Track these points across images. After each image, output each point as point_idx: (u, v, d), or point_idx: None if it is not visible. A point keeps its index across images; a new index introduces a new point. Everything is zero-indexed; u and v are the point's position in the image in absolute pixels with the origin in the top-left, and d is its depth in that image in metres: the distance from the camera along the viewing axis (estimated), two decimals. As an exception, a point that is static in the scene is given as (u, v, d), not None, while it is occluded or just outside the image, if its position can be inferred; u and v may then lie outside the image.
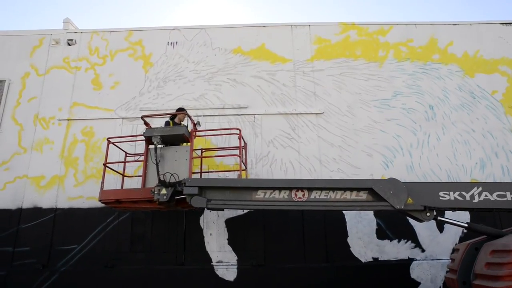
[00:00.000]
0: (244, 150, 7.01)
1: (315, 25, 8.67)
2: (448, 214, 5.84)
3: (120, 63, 8.44)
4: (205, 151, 7.25)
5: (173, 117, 6.82)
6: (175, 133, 5.96)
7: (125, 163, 6.78)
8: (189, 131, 6.17)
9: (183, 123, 6.95)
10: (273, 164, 7.57)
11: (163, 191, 5.41)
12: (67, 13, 32.66)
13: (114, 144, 6.58)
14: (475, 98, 8.04)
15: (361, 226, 7.16)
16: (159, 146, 5.88)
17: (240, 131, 6.58)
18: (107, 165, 6.36)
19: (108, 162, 6.35)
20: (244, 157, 6.94)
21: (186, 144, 6.32)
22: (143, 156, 6.13)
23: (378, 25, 8.63)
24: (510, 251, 3.86)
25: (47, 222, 7.26)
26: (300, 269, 6.87)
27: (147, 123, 6.24)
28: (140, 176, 6.59)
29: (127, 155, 6.91)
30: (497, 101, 8.01)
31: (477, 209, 4.99)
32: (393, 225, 7.12)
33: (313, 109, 7.96)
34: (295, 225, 7.14)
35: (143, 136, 6.03)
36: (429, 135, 7.76)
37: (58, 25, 9.80)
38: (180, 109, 6.91)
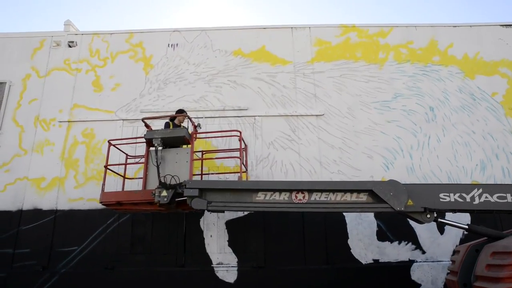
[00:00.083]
0: (244, 152, 7.01)
1: (316, 27, 8.69)
2: (448, 215, 5.83)
3: (120, 65, 8.46)
4: (205, 153, 7.26)
5: (172, 118, 6.82)
6: (175, 135, 5.97)
7: (126, 165, 6.79)
8: (190, 133, 6.18)
9: (183, 124, 6.97)
10: (274, 165, 7.57)
11: (164, 193, 5.43)
12: (68, 15, 32.74)
13: (115, 146, 6.59)
14: (475, 99, 8.05)
15: (361, 228, 7.16)
16: (160, 148, 5.88)
17: (240, 133, 6.59)
18: (108, 167, 6.37)
19: (109, 164, 6.36)
20: (244, 159, 6.94)
21: (186, 146, 6.33)
22: (144, 158, 6.14)
23: (378, 27, 8.64)
24: (510, 253, 3.85)
25: (48, 223, 7.26)
26: (300, 271, 6.86)
27: (147, 125, 6.25)
28: (140, 178, 6.60)
29: (128, 157, 6.92)
30: (497, 102, 8.02)
31: (477, 211, 4.99)
32: (394, 227, 7.12)
33: (313, 111, 7.96)
34: (295, 227, 7.14)
35: (144, 138, 6.04)
36: (430, 137, 7.77)
37: (59, 27, 9.80)
38: (179, 111, 6.92)
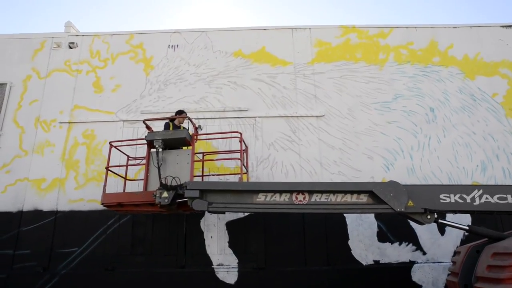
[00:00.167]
0: (245, 153, 7.01)
1: (316, 28, 8.69)
2: (449, 216, 5.83)
3: (121, 66, 8.47)
4: (206, 154, 7.26)
5: (172, 119, 6.83)
6: (176, 136, 5.96)
7: (127, 166, 6.79)
8: (191, 134, 6.19)
9: (183, 125, 6.97)
10: (274, 166, 7.57)
11: (165, 194, 5.42)
12: (68, 16, 32.79)
13: (116, 148, 6.60)
14: (475, 100, 8.04)
15: (362, 229, 7.15)
16: (161, 149, 5.88)
17: (241, 134, 6.59)
18: (110, 169, 6.37)
19: (110, 165, 6.37)
20: (245, 161, 6.94)
21: (187, 147, 6.33)
22: (145, 159, 6.14)
23: (378, 28, 8.65)
24: (511, 253, 3.85)
25: (48, 224, 7.26)
26: (301, 272, 6.85)
27: (148, 127, 6.25)
28: (141, 179, 6.60)
29: (129, 158, 6.93)
30: (498, 103, 8.02)
31: (478, 212, 4.98)
32: (394, 228, 7.11)
33: (313, 112, 7.97)
34: (296, 228, 7.13)
35: (145, 139, 6.05)
36: (430, 138, 7.77)
37: (59, 28, 9.81)
38: (179, 112, 6.92)
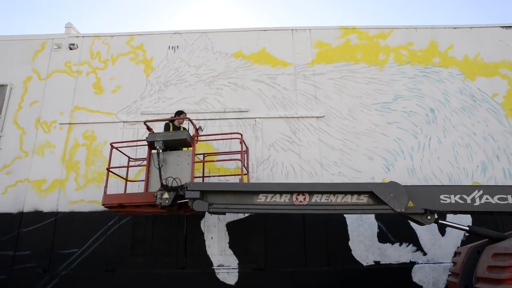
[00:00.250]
0: (245, 154, 7.01)
1: (316, 29, 8.70)
2: (449, 217, 5.84)
3: (121, 67, 8.47)
4: (207, 155, 7.26)
5: (172, 119, 6.84)
6: (177, 138, 5.97)
7: (128, 167, 6.79)
8: (191, 135, 6.19)
9: (183, 125, 6.98)
10: (274, 167, 7.57)
11: (166, 195, 5.43)
12: (69, 17, 32.84)
13: (117, 149, 6.60)
14: (476, 101, 8.05)
15: (362, 229, 7.15)
16: (161, 150, 5.89)
17: (241, 135, 6.59)
18: (111, 170, 6.37)
19: (111, 167, 6.37)
20: (245, 162, 6.94)
21: (187, 148, 6.34)
22: (146, 160, 6.14)
23: (378, 28, 8.65)
24: (511, 254, 3.85)
25: (48, 225, 7.26)
26: (301, 273, 6.85)
27: (149, 128, 6.26)
28: (142, 180, 6.61)
29: (130, 159, 6.93)
30: (498, 104, 8.02)
31: (478, 212, 4.97)
32: (395, 229, 7.10)
33: (314, 113, 7.97)
34: (296, 229, 7.13)
35: (145, 141, 6.05)
36: (430, 138, 7.77)
37: (60, 30, 9.83)
38: (179, 112, 6.93)
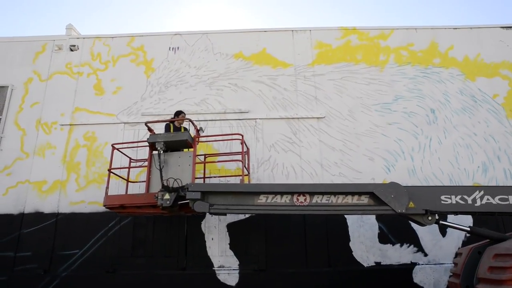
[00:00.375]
0: (246, 155, 7.01)
1: (316, 30, 8.71)
2: (450, 218, 5.83)
3: (122, 68, 8.48)
4: (208, 156, 7.26)
5: (172, 120, 6.84)
6: (178, 139, 5.97)
7: (129, 168, 6.80)
8: (192, 136, 6.20)
9: (183, 125, 6.98)
10: (275, 168, 7.57)
11: (167, 196, 5.43)
12: (69, 19, 32.92)
13: (118, 150, 6.61)
14: (476, 101, 8.04)
15: (363, 230, 7.14)
16: (162, 151, 5.89)
17: (242, 136, 6.59)
18: (112, 171, 6.37)
19: (112, 168, 6.37)
20: (246, 162, 6.95)
21: (188, 149, 6.34)
22: (147, 161, 6.15)
23: (378, 29, 8.66)
24: (513, 255, 3.84)
25: (49, 227, 7.26)
26: (302, 274, 6.84)
27: (150, 129, 6.27)
28: (143, 181, 6.61)
29: (131, 160, 6.93)
30: (499, 104, 8.01)
31: (479, 213, 4.97)
32: (396, 229, 7.09)
33: (314, 114, 7.97)
34: (297, 230, 7.12)
35: (147, 142, 6.06)
36: (431, 139, 7.76)
37: (61, 31, 9.86)
38: (178, 112, 6.94)
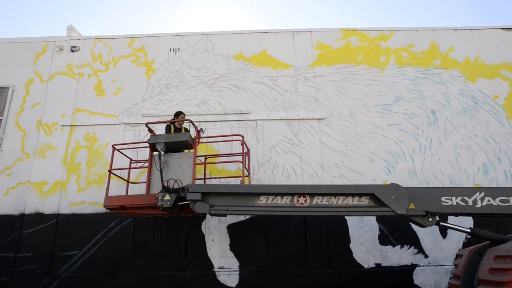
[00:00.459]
0: (247, 156, 7.01)
1: (317, 31, 8.72)
2: (451, 219, 5.82)
3: (122, 69, 8.50)
4: (208, 157, 7.26)
5: (173, 121, 6.85)
6: (179, 140, 5.98)
7: (130, 169, 6.80)
8: (193, 137, 6.20)
9: (184, 126, 6.98)
10: (275, 169, 7.57)
11: (167, 197, 5.43)
12: (70, 20, 32.98)
13: (118, 151, 6.61)
14: (477, 103, 8.04)
15: (363, 231, 7.13)
16: (163, 152, 5.89)
17: (243, 137, 6.59)
18: (112, 172, 6.38)
19: (112, 168, 6.37)
20: (247, 163, 6.94)
21: (188, 150, 6.34)
22: (147, 162, 6.15)
23: (379, 30, 8.67)
24: (513, 256, 3.83)
25: (49, 227, 7.27)
26: (302, 275, 6.83)
27: (151, 130, 6.27)
28: (143, 182, 6.60)
29: (132, 161, 6.93)
30: (499, 106, 8.00)
31: (479, 214, 4.96)
32: (396, 231, 7.09)
33: (314, 115, 7.97)
34: (297, 231, 7.12)
35: (147, 143, 6.06)
36: (431, 140, 7.75)
37: (62, 32, 9.88)
38: (177, 113, 6.95)
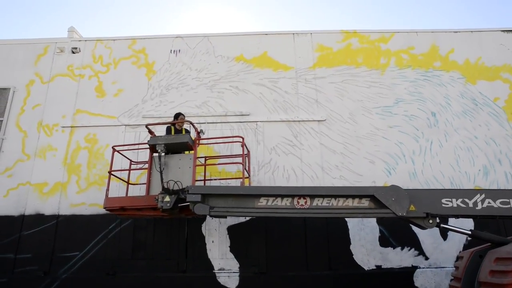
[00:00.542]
0: (247, 158, 7.01)
1: (317, 33, 8.73)
2: (451, 221, 5.81)
3: (123, 71, 8.51)
4: (208, 159, 7.26)
5: (173, 122, 6.85)
6: (179, 141, 5.99)
7: (130, 170, 6.80)
8: (193, 139, 6.20)
9: (184, 127, 6.99)
10: (275, 171, 7.56)
11: (167, 199, 5.43)
12: (71, 21, 33.06)
13: (119, 152, 6.62)
14: (477, 105, 8.04)
15: (364, 233, 7.12)
16: (163, 154, 5.90)
17: (243, 139, 6.59)
18: (112, 173, 6.38)
19: (112, 170, 6.37)
20: (247, 165, 6.94)
21: (188, 152, 6.35)
22: (147, 163, 6.15)
23: (379, 32, 8.68)
24: (514, 259, 3.83)
25: (49, 228, 7.26)
26: (302, 277, 6.82)
27: (151, 131, 6.27)
28: (143, 183, 6.60)
29: (132, 163, 6.94)
30: (500, 107, 8.01)
31: (480, 216, 4.96)
32: (396, 233, 7.08)
33: (315, 116, 7.97)
34: (297, 233, 7.11)
35: (147, 144, 6.06)
36: (432, 142, 7.75)
37: (62, 34, 9.90)
38: (177, 115, 6.95)
